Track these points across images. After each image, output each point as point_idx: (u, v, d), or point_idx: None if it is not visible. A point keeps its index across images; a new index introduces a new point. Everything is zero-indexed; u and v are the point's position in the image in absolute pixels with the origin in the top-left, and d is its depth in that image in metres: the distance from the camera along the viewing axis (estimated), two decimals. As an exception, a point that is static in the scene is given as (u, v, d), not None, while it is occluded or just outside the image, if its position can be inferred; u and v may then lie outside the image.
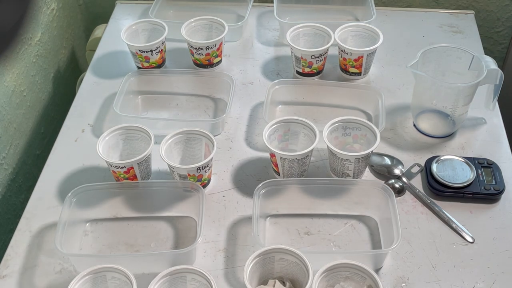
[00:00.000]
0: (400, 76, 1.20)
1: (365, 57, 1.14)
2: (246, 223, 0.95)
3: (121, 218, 0.97)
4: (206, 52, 1.19)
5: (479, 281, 0.87)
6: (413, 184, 1.00)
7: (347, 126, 1.00)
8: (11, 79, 1.15)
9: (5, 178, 1.14)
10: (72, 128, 1.12)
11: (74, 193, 0.93)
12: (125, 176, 0.97)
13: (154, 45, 1.17)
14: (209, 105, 1.17)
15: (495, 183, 0.98)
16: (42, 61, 1.29)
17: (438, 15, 1.36)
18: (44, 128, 1.30)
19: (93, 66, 1.26)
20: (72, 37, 1.47)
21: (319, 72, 1.19)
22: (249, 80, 1.21)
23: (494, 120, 1.12)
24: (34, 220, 0.97)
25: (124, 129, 1.01)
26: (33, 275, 0.89)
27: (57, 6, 1.36)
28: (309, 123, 1.00)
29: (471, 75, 1.03)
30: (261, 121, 1.12)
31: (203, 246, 0.92)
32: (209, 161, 0.96)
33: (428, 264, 0.90)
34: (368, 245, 0.92)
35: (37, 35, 1.27)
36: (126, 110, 1.12)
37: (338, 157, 0.96)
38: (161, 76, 1.18)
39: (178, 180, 0.97)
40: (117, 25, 1.36)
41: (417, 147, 1.07)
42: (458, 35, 1.30)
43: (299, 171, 0.98)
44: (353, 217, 0.96)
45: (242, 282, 0.84)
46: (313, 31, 1.20)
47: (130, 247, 0.94)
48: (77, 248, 0.93)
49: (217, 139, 1.06)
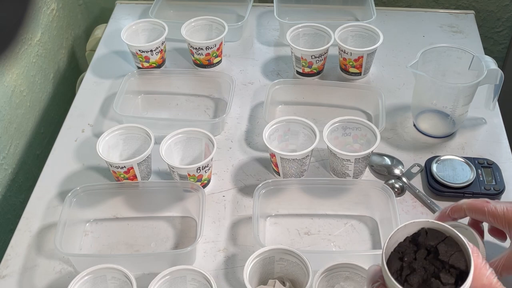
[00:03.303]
0: (400, 76, 1.20)
1: (365, 57, 1.14)
2: (246, 223, 0.95)
3: (121, 218, 0.97)
4: (206, 52, 1.19)
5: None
6: (413, 184, 1.00)
7: (347, 126, 1.00)
8: (11, 79, 1.15)
9: (5, 178, 1.14)
10: (72, 128, 1.12)
11: (74, 193, 0.93)
12: (125, 176, 0.97)
13: (154, 45, 1.17)
14: (209, 105, 1.17)
15: (495, 183, 0.97)
16: (42, 61, 1.29)
17: (438, 15, 1.36)
18: (44, 128, 1.30)
19: (93, 66, 1.26)
20: (72, 37, 1.47)
21: (319, 72, 1.19)
22: (249, 80, 1.21)
23: (494, 120, 1.12)
24: (34, 220, 0.97)
25: (124, 129, 1.01)
26: (33, 275, 0.89)
27: (57, 6, 1.36)
28: (309, 123, 1.00)
29: (471, 75, 1.03)
30: (261, 121, 1.12)
31: (203, 246, 0.92)
32: (209, 161, 0.96)
33: (428, 264, 0.90)
34: (368, 245, 0.92)
35: (37, 35, 1.27)
36: (126, 110, 1.12)
37: (338, 157, 0.96)
38: (161, 76, 1.18)
39: (178, 180, 0.97)
40: (117, 25, 1.36)
41: (417, 147, 1.07)
42: (458, 35, 1.30)
43: (299, 171, 0.98)
44: (353, 217, 0.96)
45: (242, 282, 0.84)
46: (313, 31, 1.20)
47: (130, 247, 0.94)
48: (77, 248, 0.93)
49: (217, 139, 1.06)
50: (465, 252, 0.57)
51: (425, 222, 0.60)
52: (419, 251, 0.58)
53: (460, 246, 0.58)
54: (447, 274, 0.56)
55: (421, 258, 0.58)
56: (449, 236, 0.59)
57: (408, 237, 0.60)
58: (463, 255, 0.57)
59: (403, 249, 0.59)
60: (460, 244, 0.58)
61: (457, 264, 0.56)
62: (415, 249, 0.59)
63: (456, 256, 0.57)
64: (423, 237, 0.59)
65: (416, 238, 0.59)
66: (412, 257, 0.58)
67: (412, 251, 0.59)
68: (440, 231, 0.59)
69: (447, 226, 0.59)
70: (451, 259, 0.57)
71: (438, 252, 0.57)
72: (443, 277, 0.56)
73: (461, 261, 0.57)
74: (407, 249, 0.59)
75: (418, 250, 0.58)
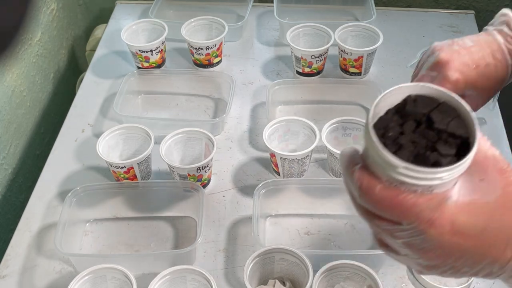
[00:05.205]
0: (400, 76, 1.20)
1: (365, 57, 1.14)
2: (246, 223, 0.95)
3: (121, 218, 0.97)
4: (206, 52, 1.19)
5: (479, 281, 0.87)
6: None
7: (347, 127, 1.00)
8: (11, 79, 1.15)
9: (5, 178, 1.14)
10: (72, 128, 1.12)
11: (74, 193, 0.93)
12: (125, 176, 0.97)
13: (154, 45, 1.17)
14: (209, 105, 1.17)
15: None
16: (42, 61, 1.29)
17: (438, 15, 1.36)
18: (44, 128, 1.30)
19: (93, 66, 1.26)
20: (72, 37, 1.47)
21: (319, 72, 1.19)
22: (249, 80, 1.21)
23: (494, 120, 1.11)
24: (34, 220, 0.97)
25: (124, 129, 1.01)
26: (33, 275, 0.89)
27: (57, 6, 1.36)
28: (309, 123, 1.00)
29: (471, 75, 1.02)
30: (261, 121, 1.12)
31: (203, 246, 0.92)
32: (209, 161, 0.96)
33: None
34: (368, 245, 0.92)
35: (37, 35, 1.27)
36: (126, 110, 1.12)
37: (336, 157, 0.96)
38: (161, 76, 1.18)
39: (178, 180, 0.97)
40: (117, 25, 1.36)
41: (417, 147, 1.07)
42: (458, 35, 1.29)
43: (299, 171, 0.98)
44: (353, 217, 0.96)
45: (242, 282, 0.84)
46: (313, 31, 1.20)
47: (130, 247, 0.94)
48: (77, 248, 0.93)
49: (217, 139, 1.06)
50: (467, 118, 0.45)
51: (413, 87, 0.47)
52: (407, 123, 0.45)
53: (458, 112, 0.45)
54: (445, 145, 0.44)
55: (409, 131, 0.45)
56: (444, 102, 0.46)
57: (390, 109, 0.47)
58: (463, 122, 0.45)
59: (385, 123, 0.46)
60: (459, 110, 0.45)
61: (458, 132, 0.44)
62: (400, 122, 0.46)
63: (455, 123, 0.45)
64: (410, 105, 0.46)
65: (401, 109, 0.47)
66: (398, 131, 0.45)
67: (397, 124, 0.46)
68: (431, 97, 0.47)
69: (441, 89, 0.46)
70: (449, 126, 0.44)
71: (432, 121, 0.45)
72: (441, 148, 0.43)
73: (462, 128, 0.45)
74: (390, 123, 0.46)
75: (404, 123, 0.46)
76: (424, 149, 0.44)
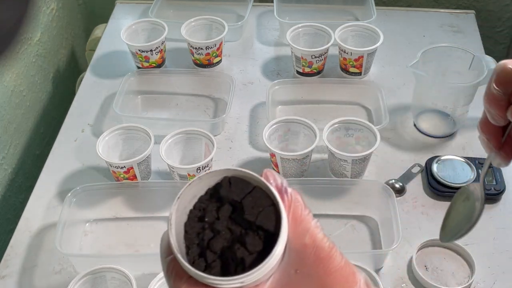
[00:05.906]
0: (401, 76, 1.20)
1: (365, 57, 1.14)
2: (246, 223, 0.95)
3: (121, 218, 0.97)
4: (206, 52, 1.18)
5: (480, 281, 0.87)
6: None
7: (349, 127, 1.00)
8: (11, 79, 1.15)
9: (5, 178, 1.14)
10: (72, 128, 1.12)
11: (74, 193, 0.93)
12: (125, 176, 0.97)
13: (154, 45, 1.17)
14: (209, 105, 1.17)
15: (495, 184, 0.97)
16: (41, 61, 1.29)
17: (439, 15, 1.36)
18: (43, 128, 1.30)
19: (93, 66, 1.26)
20: (72, 37, 1.47)
21: (319, 72, 1.19)
22: (249, 80, 1.21)
23: (494, 120, 1.11)
24: (34, 220, 0.97)
25: (124, 129, 1.01)
26: (33, 275, 0.89)
27: (56, 6, 1.36)
28: (309, 123, 1.00)
29: (471, 75, 1.02)
30: (261, 121, 1.11)
31: (203, 246, 0.92)
32: (209, 161, 0.96)
33: (429, 264, 0.90)
34: (368, 245, 0.92)
35: (37, 35, 1.27)
36: (126, 110, 1.12)
37: (336, 157, 0.96)
38: (161, 76, 1.18)
39: (178, 180, 0.97)
40: (117, 25, 1.35)
41: (417, 147, 1.07)
42: (458, 34, 1.30)
43: (299, 171, 0.98)
44: (353, 217, 0.95)
45: (242, 282, 0.84)
46: (313, 31, 1.20)
47: (130, 247, 0.93)
48: (77, 248, 0.93)
49: (217, 139, 1.06)
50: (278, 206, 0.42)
51: (225, 171, 0.45)
52: (222, 208, 0.44)
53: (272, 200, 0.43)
54: (255, 238, 0.42)
55: (225, 216, 0.44)
56: (257, 186, 0.45)
57: (209, 189, 0.46)
58: (276, 210, 0.43)
59: (205, 205, 0.45)
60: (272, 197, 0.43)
61: (265, 225, 0.42)
62: (218, 205, 0.45)
63: (265, 214, 0.43)
64: (225, 189, 0.45)
65: (218, 190, 0.45)
66: (215, 216, 0.44)
67: (215, 207, 0.44)
68: (246, 179, 0.45)
69: (252, 173, 0.45)
70: (258, 218, 0.43)
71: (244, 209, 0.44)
72: (250, 242, 0.42)
73: (271, 220, 0.42)
74: (209, 205, 0.45)
75: (221, 207, 0.44)
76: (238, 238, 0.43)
